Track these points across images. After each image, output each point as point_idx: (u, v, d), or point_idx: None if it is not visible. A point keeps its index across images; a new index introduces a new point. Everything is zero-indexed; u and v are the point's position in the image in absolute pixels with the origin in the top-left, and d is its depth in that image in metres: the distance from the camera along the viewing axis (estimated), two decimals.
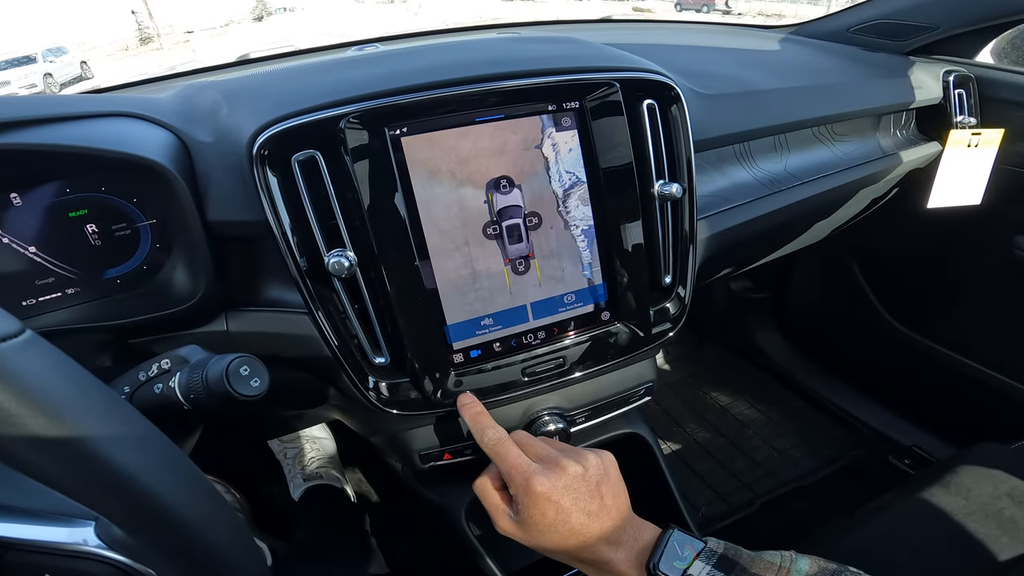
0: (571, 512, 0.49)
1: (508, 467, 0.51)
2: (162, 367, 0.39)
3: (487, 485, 0.54)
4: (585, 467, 0.51)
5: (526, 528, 0.50)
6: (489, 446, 0.53)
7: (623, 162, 0.57)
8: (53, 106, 0.52)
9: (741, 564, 0.45)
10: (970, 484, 0.72)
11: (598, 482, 0.51)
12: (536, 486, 0.49)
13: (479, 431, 0.54)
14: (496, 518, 0.53)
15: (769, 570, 0.45)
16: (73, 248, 0.53)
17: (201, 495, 0.29)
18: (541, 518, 0.49)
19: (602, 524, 0.49)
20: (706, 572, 0.45)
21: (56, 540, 0.33)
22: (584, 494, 0.49)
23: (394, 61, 0.57)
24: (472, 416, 0.56)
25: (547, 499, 0.48)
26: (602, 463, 0.52)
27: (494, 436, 0.53)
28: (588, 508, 0.49)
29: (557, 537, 0.49)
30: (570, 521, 0.48)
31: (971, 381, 1.15)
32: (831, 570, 0.44)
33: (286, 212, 0.49)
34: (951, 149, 0.94)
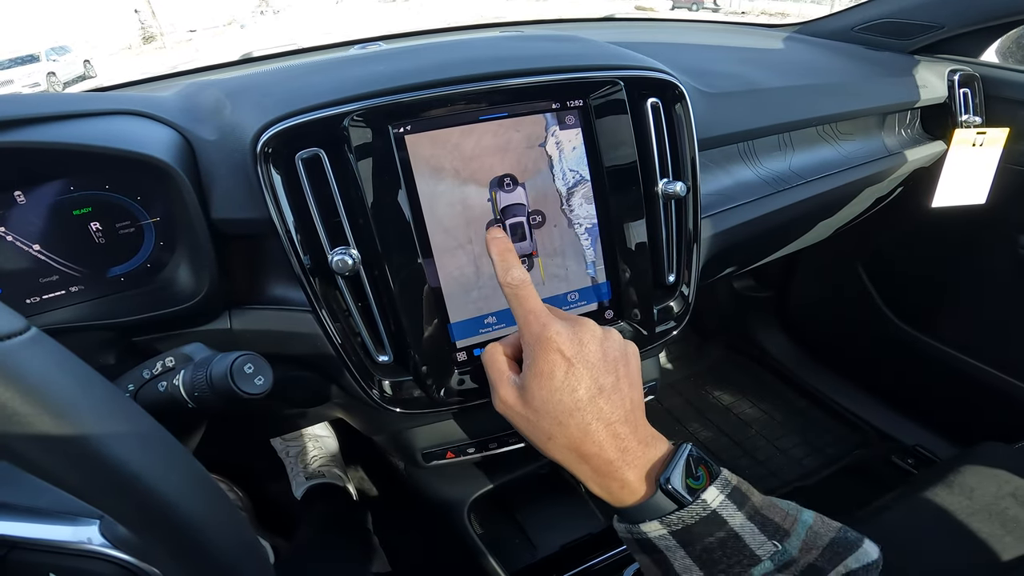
0: (582, 377, 0.43)
1: (526, 311, 0.46)
2: (166, 365, 0.39)
3: (497, 350, 0.49)
4: (607, 335, 0.46)
5: (528, 396, 0.44)
6: (511, 284, 0.47)
7: (627, 160, 0.57)
8: (57, 104, 0.52)
9: (753, 501, 0.42)
10: (973, 484, 0.72)
11: (616, 358, 0.46)
12: (552, 333, 0.44)
13: (504, 269, 0.48)
14: (497, 385, 0.47)
15: (778, 514, 0.42)
16: (77, 246, 0.53)
17: (205, 493, 0.29)
18: (549, 378, 0.43)
19: (612, 407, 0.44)
20: (719, 500, 0.41)
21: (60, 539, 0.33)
22: (600, 363, 0.44)
23: (397, 59, 0.57)
24: (499, 252, 0.49)
25: (560, 351, 0.43)
26: (625, 346, 0.47)
27: (519, 276, 0.47)
28: (601, 380, 0.44)
29: (560, 411, 0.43)
30: (578, 390, 0.43)
31: (975, 381, 1.15)
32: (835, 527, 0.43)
33: (290, 210, 0.49)
34: (956, 148, 0.94)
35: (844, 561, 0.41)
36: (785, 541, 0.41)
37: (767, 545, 0.40)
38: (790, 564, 0.40)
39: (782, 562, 0.40)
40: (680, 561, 0.42)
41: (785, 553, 0.40)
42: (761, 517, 0.42)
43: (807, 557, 0.40)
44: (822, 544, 0.41)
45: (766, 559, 0.40)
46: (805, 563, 0.40)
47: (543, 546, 0.85)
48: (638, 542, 0.44)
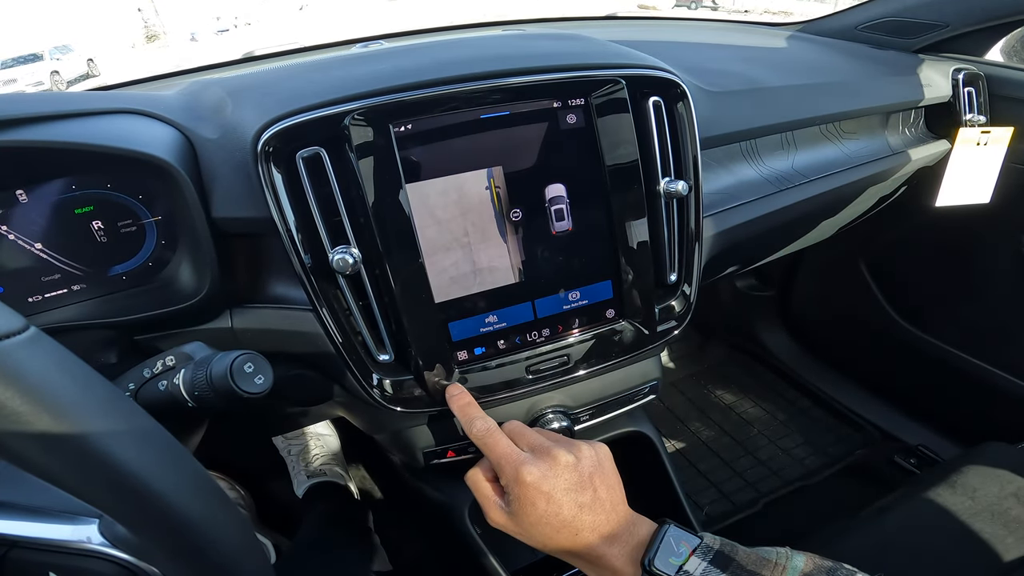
0: (562, 503, 0.47)
1: (497, 457, 0.50)
2: (166, 364, 0.39)
3: (479, 476, 0.53)
4: (578, 457, 0.50)
5: (518, 520, 0.49)
6: (478, 437, 0.52)
7: (629, 159, 0.57)
8: (59, 103, 0.52)
9: (737, 560, 0.44)
10: (976, 484, 0.72)
11: (591, 473, 0.50)
12: (526, 476, 0.48)
13: (468, 422, 0.53)
14: (487, 510, 0.52)
15: (765, 567, 0.44)
16: (79, 245, 0.53)
17: (205, 493, 0.29)
18: (532, 509, 0.47)
19: (595, 517, 0.48)
20: (702, 568, 0.44)
21: (60, 538, 0.33)
22: (576, 485, 0.48)
23: (399, 58, 0.56)
24: (460, 408, 0.54)
25: (537, 489, 0.47)
26: (596, 454, 0.51)
27: (482, 427, 0.52)
28: (580, 500, 0.48)
29: (549, 530, 0.47)
30: (561, 512, 0.47)
31: (978, 381, 1.15)
32: (826, 567, 0.44)
33: (290, 209, 0.49)
34: (960, 147, 0.93)
35: None
36: None
37: None
38: None
39: None
40: None
41: None
42: (747, 573, 0.44)
43: None
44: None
45: None
46: None
47: None
48: None
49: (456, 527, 0.75)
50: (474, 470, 0.54)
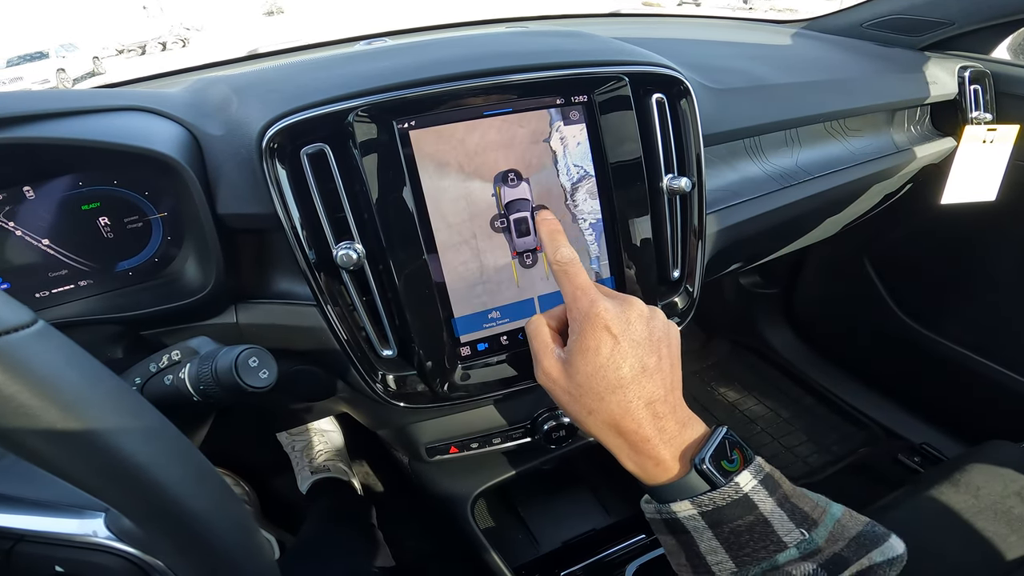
0: (627, 355, 0.44)
1: (575, 287, 0.46)
2: (172, 358, 0.39)
3: (542, 321, 0.49)
4: (653, 315, 0.47)
5: (572, 368, 0.45)
6: (560, 263, 0.48)
7: (632, 156, 0.57)
8: (65, 100, 0.53)
9: (784, 490, 0.43)
10: (980, 482, 0.71)
11: (660, 339, 0.46)
12: (601, 309, 0.44)
13: (553, 247, 0.49)
14: (541, 357, 0.47)
15: (807, 504, 0.43)
16: (86, 241, 0.53)
17: (210, 487, 0.29)
18: (595, 354, 0.43)
19: (654, 386, 0.44)
20: (751, 485, 0.42)
21: (66, 532, 0.33)
22: (645, 342, 0.45)
23: (402, 55, 0.57)
24: (548, 232, 0.51)
25: (607, 329, 0.44)
26: (668, 326, 0.48)
27: (568, 255, 0.48)
28: (645, 360, 0.44)
29: (602, 386, 0.43)
30: (622, 368, 0.43)
31: (983, 379, 1.15)
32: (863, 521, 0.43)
33: (295, 205, 0.49)
34: (966, 145, 0.93)
35: (869, 554, 0.41)
36: (812, 530, 0.41)
37: (794, 532, 0.41)
38: (815, 553, 0.41)
39: (808, 550, 0.41)
40: (707, 542, 0.42)
41: (811, 542, 0.41)
42: (791, 505, 0.42)
43: (832, 547, 0.41)
44: (848, 536, 0.42)
45: (792, 546, 0.41)
46: (830, 552, 0.41)
47: (545, 542, 0.85)
48: (665, 522, 0.44)
49: (459, 523, 0.76)
50: (537, 316, 0.50)
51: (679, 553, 0.45)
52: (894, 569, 0.41)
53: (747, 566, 0.41)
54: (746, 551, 0.41)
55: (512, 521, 0.90)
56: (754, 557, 0.41)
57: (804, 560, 0.40)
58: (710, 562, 0.42)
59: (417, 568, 1.07)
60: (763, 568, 0.41)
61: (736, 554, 0.41)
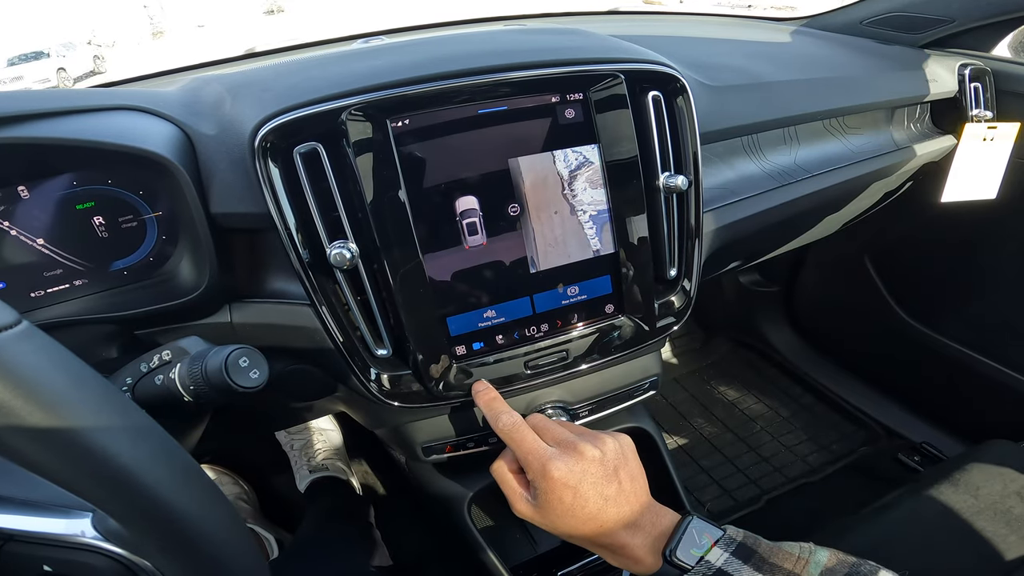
0: (589, 497, 0.48)
1: (524, 452, 0.51)
2: (163, 358, 0.39)
3: (503, 469, 0.54)
4: (603, 451, 0.50)
5: (544, 512, 0.50)
6: (504, 432, 0.53)
7: (628, 154, 0.57)
8: (60, 100, 0.52)
9: (760, 553, 0.45)
10: (979, 482, 0.71)
11: (616, 466, 0.50)
12: (553, 471, 0.48)
13: (494, 417, 0.54)
14: (513, 501, 0.52)
15: (788, 560, 0.45)
16: (80, 240, 0.53)
17: (196, 487, 0.29)
18: (559, 503, 0.48)
19: (620, 509, 0.49)
20: (724, 559, 0.45)
21: (54, 531, 0.33)
22: (602, 479, 0.49)
23: (397, 53, 0.56)
24: (486, 403, 0.55)
25: (564, 484, 0.48)
26: (620, 447, 0.52)
27: (509, 421, 0.53)
28: (606, 493, 0.49)
29: (575, 522, 0.49)
30: (588, 506, 0.48)
31: (983, 378, 1.14)
32: (850, 563, 0.44)
33: (288, 204, 0.49)
34: (966, 143, 0.92)
35: None
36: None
37: None
38: None
39: None
40: None
41: None
42: (769, 566, 0.45)
43: None
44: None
45: None
46: None
47: (542, 541, 0.85)
48: None
49: (456, 522, 0.76)
50: (499, 463, 0.54)
51: None
52: None
53: None
54: None
55: (510, 521, 0.90)
56: None
57: None
58: None
59: (415, 567, 1.07)
60: None
61: None
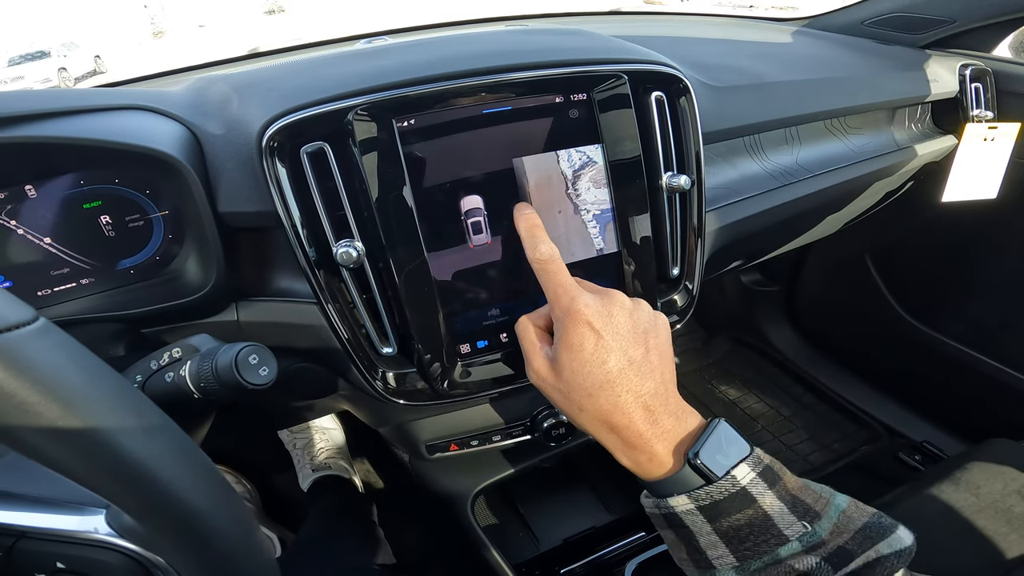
0: (611, 349, 0.43)
1: (555, 285, 0.47)
2: (173, 356, 0.40)
3: (528, 322, 0.50)
4: (636, 306, 0.47)
5: (559, 365, 0.45)
6: (540, 260, 0.48)
7: (631, 154, 0.57)
8: (67, 99, 0.53)
9: (784, 481, 0.42)
10: (980, 481, 0.72)
11: (646, 330, 0.46)
12: (581, 306, 0.44)
13: (532, 244, 0.49)
14: (530, 357, 0.48)
15: (810, 496, 0.42)
16: (87, 239, 0.54)
17: (210, 484, 0.29)
18: (578, 350, 0.44)
19: (642, 379, 0.44)
20: (750, 479, 0.41)
21: (67, 528, 0.33)
22: (629, 335, 0.45)
23: (402, 54, 0.57)
24: (527, 228, 0.50)
25: (589, 324, 0.44)
26: (654, 317, 0.48)
27: (547, 252, 0.48)
28: (630, 352, 0.44)
29: (590, 381, 0.43)
30: (607, 362, 0.43)
31: (984, 377, 1.15)
32: (869, 512, 0.42)
33: (295, 203, 0.49)
34: (966, 143, 0.93)
35: (875, 546, 0.40)
36: (815, 523, 0.41)
37: (796, 526, 0.40)
38: (819, 546, 0.40)
39: (811, 543, 0.40)
40: (706, 537, 0.42)
41: (814, 535, 0.40)
42: (792, 498, 0.41)
43: (837, 540, 0.40)
44: (854, 528, 0.41)
45: (794, 539, 0.40)
46: (834, 545, 0.40)
47: (545, 539, 0.85)
48: (664, 516, 0.44)
49: (459, 520, 0.76)
50: (524, 317, 0.50)
51: (680, 547, 0.44)
52: (902, 561, 0.40)
53: (748, 560, 0.41)
54: (746, 545, 0.41)
55: (513, 519, 0.90)
56: (755, 551, 0.40)
57: (807, 553, 0.40)
58: (711, 556, 0.42)
59: (418, 566, 1.08)
60: (765, 562, 0.40)
61: (736, 548, 0.41)
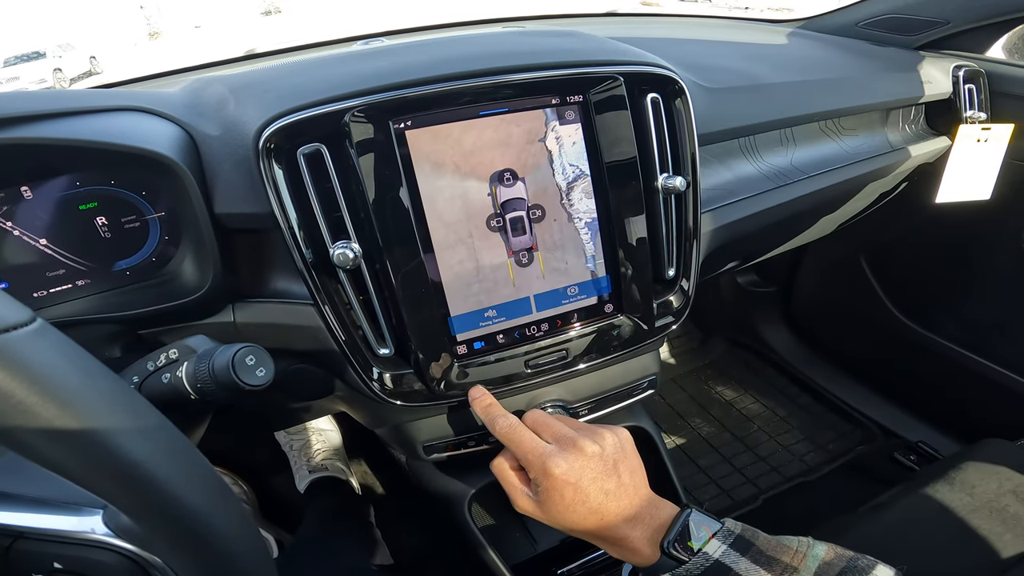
0: (589, 492, 0.49)
1: (524, 452, 0.52)
2: (170, 357, 0.40)
3: (504, 466, 0.55)
4: (602, 446, 0.51)
5: (545, 508, 0.51)
6: (503, 434, 0.54)
7: (627, 156, 0.58)
8: (63, 101, 0.53)
9: (757, 546, 0.46)
10: (975, 481, 0.72)
11: (615, 461, 0.52)
12: (553, 469, 0.49)
13: (490, 421, 0.55)
14: (515, 498, 0.54)
15: (786, 553, 0.45)
16: (83, 240, 0.54)
17: (207, 484, 0.29)
18: (560, 499, 0.49)
19: (620, 502, 0.50)
20: (721, 551, 0.46)
21: (64, 528, 0.33)
22: (601, 474, 0.50)
23: (398, 55, 0.57)
24: (483, 409, 0.57)
25: (565, 481, 0.49)
26: (619, 441, 0.53)
27: (506, 424, 0.54)
28: (606, 487, 0.50)
29: (576, 516, 0.49)
30: (588, 501, 0.49)
31: (979, 377, 1.16)
32: (847, 557, 0.45)
33: (292, 204, 0.49)
34: (960, 144, 0.94)
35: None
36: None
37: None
38: None
39: None
40: None
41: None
42: (767, 558, 0.45)
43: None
44: (834, 574, 0.44)
45: None
46: None
47: (543, 540, 0.86)
48: None
49: (457, 520, 0.76)
50: (499, 460, 0.56)
51: None
52: None
53: None
54: None
55: (510, 520, 0.90)
56: None
57: None
58: None
59: (416, 566, 1.08)
60: None
61: None
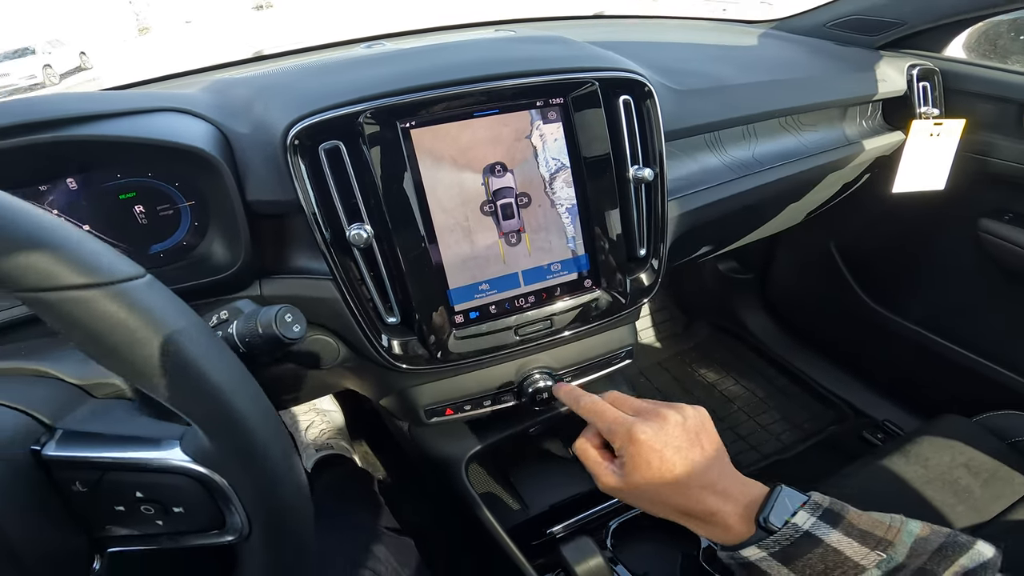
0: (675, 461, 0.49)
1: (608, 422, 0.52)
2: (221, 317, 0.47)
3: (586, 445, 0.55)
4: (684, 416, 0.52)
5: (630, 481, 0.50)
6: (587, 409, 0.55)
7: (602, 150, 0.65)
8: (108, 103, 0.59)
9: (848, 519, 0.45)
10: (929, 454, 0.75)
11: (697, 432, 0.51)
12: (639, 434, 0.49)
13: (574, 400, 0.58)
14: (599, 475, 0.53)
15: (879, 527, 0.44)
16: (122, 226, 0.59)
17: (265, 409, 0.36)
18: (646, 468, 0.49)
19: (706, 473, 0.49)
20: (810, 522, 0.45)
21: (148, 457, 0.38)
22: (686, 443, 0.50)
23: (403, 62, 0.65)
24: (566, 393, 0.61)
25: (651, 447, 0.49)
26: (698, 414, 0.53)
27: (588, 400, 0.56)
28: (691, 457, 0.49)
29: (661, 488, 0.49)
30: (674, 470, 0.49)
31: (940, 358, 1.20)
32: (944, 533, 0.44)
33: (313, 192, 0.57)
34: (913, 138, 0.99)
35: (958, 561, 0.42)
36: (890, 550, 0.43)
37: (871, 555, 0.43)
38: (899, 569, 0.43)
39: (889, 569, 0.43)
40: None
41: (891, 560, 0.43)
42: (859, 531, 0.44)
43: (916, 562, 0.43)
44: (931, 549, 0.43)
45: (872, 567, 0.43)
46: (915, 567, 0.42)
47: (534, 505, 0.92)
48: (742, 566, 0.48)
49: (455, 483, 0.81)
50: (581, 440, 0.56)
51: None
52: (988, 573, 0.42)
53: None
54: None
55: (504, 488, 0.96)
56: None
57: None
58: None
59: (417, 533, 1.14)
60: None
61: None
